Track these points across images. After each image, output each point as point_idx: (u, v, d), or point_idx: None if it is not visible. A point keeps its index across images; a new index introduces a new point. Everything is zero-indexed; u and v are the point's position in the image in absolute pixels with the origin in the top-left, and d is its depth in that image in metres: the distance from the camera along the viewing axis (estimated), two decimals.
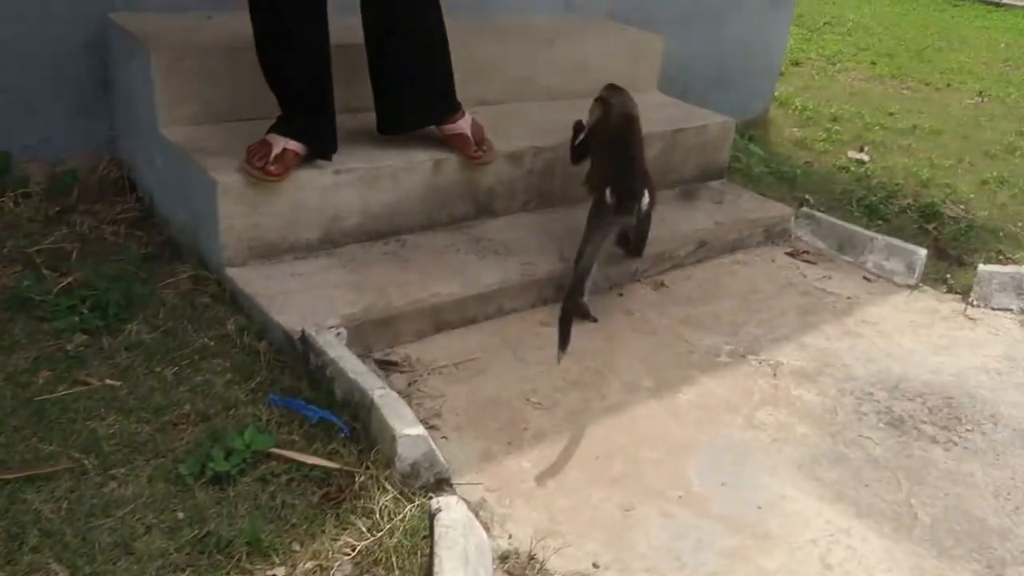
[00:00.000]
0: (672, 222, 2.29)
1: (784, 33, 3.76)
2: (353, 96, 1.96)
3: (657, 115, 2.57)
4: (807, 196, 2.93)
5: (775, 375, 1.80)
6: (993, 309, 2.21)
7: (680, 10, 3.22)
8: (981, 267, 2.25)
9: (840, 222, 2.48)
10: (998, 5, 13.12)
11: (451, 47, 1.95)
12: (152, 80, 1.84)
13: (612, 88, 2.19)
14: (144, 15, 2.06)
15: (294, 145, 1.75)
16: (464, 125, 2.02)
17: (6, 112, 2.00)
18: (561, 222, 2.21)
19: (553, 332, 1.68)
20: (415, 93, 1.93)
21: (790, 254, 2.40)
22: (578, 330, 1.85)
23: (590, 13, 2.97)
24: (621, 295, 2.07)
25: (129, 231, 1.97)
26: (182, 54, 1.86)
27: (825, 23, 8.16)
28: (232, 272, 1.74)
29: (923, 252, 2.30)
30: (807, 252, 2.41)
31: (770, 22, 3.60)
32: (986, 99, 5.13)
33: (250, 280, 1.73)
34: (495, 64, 2.41)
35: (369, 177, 1.89)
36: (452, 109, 1.99)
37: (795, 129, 3.86)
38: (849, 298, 2.20)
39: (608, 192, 1.87)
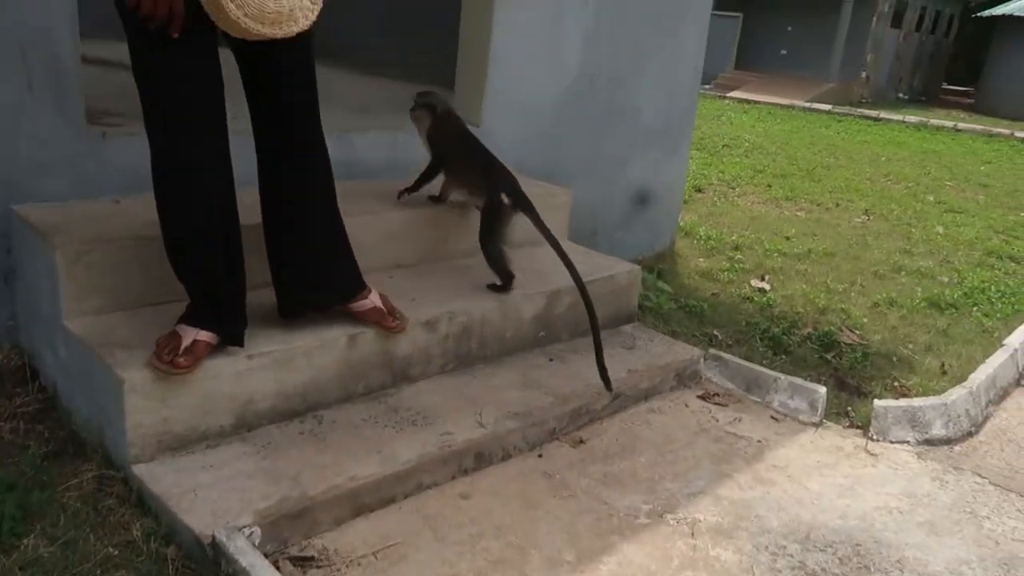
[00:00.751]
0: (588, 373, 2.36)
1: (682, 174, 4.02)
2: (263, 271, 1.98)
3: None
4: (715, 332, 3.08)
5: (693, 534, 1.83)
6: (891, 442, 2.33)
7: (586, 161, 3.42)
8: (877, 402, 2.38)
9: (746, 363, 2.59)
10: (876, 120, 14.40)
11: (363, 214, 2.02)
12: (56, 274, 1.83)
13: (422, 94, 2.49)
14: (50, 205, 2.07)
15: (204, 335, 1.75)
16: (375, 299, 2.06)
17: None
18: (479, 382, 2.25)
19: (472, 505, 1.68)
20: (315, 276, 1.97)
21: (702, 397, 2.49)
22: (499, 500, 1.87)
23: None
24: (540, 456, 2.10)
25: (29, 426, 1.90)
26: (87, 247, 1.87)
27: (724, 145, 8.75)
28: (139, 470, 1.69)
29: (823, 391, 2.42)
30: (717, 395, 2.50)
31: (669, 165, 3.86)
32: (872, 217, 5.55)
33: (158, 477, 1.68)
34: (407, 230, 2.50)
35: (283, 359, 1.90)
36: (358, 287, 2.03)
37: (701, 259, 4.08)
38: (759, 441, 2.28)
39: (504, 196, 2.36)
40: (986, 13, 19.23)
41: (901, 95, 20.43)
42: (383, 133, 2.74)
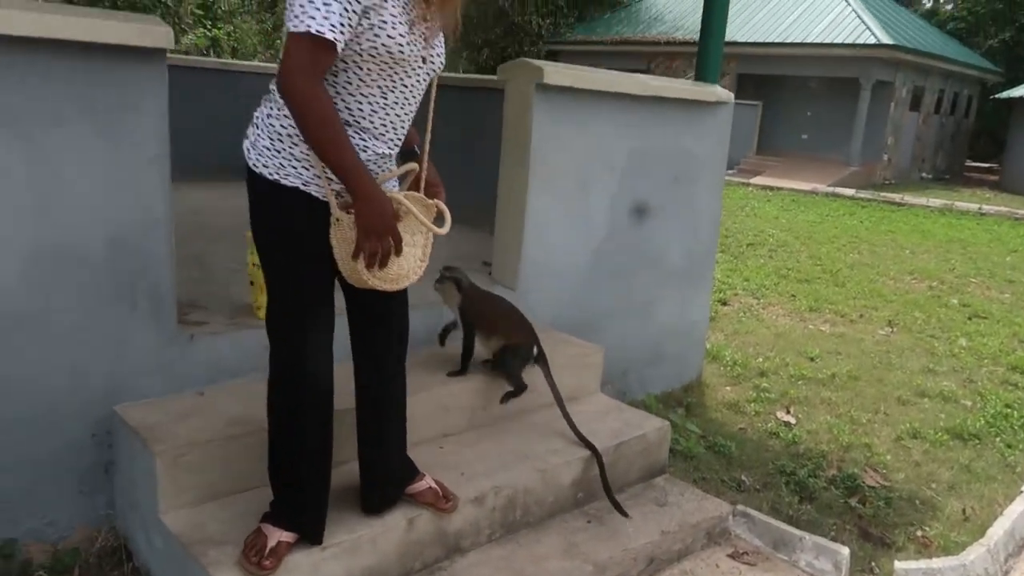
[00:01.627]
0: (623, 536, 2.55)
1: (705, 309, 4.26)
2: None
3: (601, 426, 2.90)
4: (743, 476, 3.25)
5: None
6: None
7: (614, 308, 3.68)
8: (898, 564, 2.53)
9: (773, 521, 2.76)
10: (900, 204, 14.58)
11: (419, 391, 2.27)
12: (155, 475, 2.10)
13: (446, 269, 2.77)
14: (145, 403, 2.36)
15: (287, 536, 1.99)
16: (429, 480, 2.30)
17: (13, 499, 2.21)
18: (525, 551, 2.44)
19: None
20: (397, 471, 2.21)
21: (732, 556, 2.66)
22: None
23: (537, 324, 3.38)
24: None
25: None
26: (183, 451, 2.14)
27: (748, 244, 9.00)
28: None
29: (846, 553, 2.57)
30: (746, 553, 2.66)
31: (693, 302, 4.10)
32: (895, 329, 5.71)
33: None
34: (455, 401, 2.75)
35: (352, 547, 2.12)
36: (415, 470, 2.28)
37: (728, 388, 4.27)
38: None
39: (535, 348, 2.80)
40: (1004, 95, 19.56)
41: (924, 175, 20.66)
42: (430, 311, 3.00)
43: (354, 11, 1.65)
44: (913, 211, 13.70)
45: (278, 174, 1.78)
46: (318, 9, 1.61)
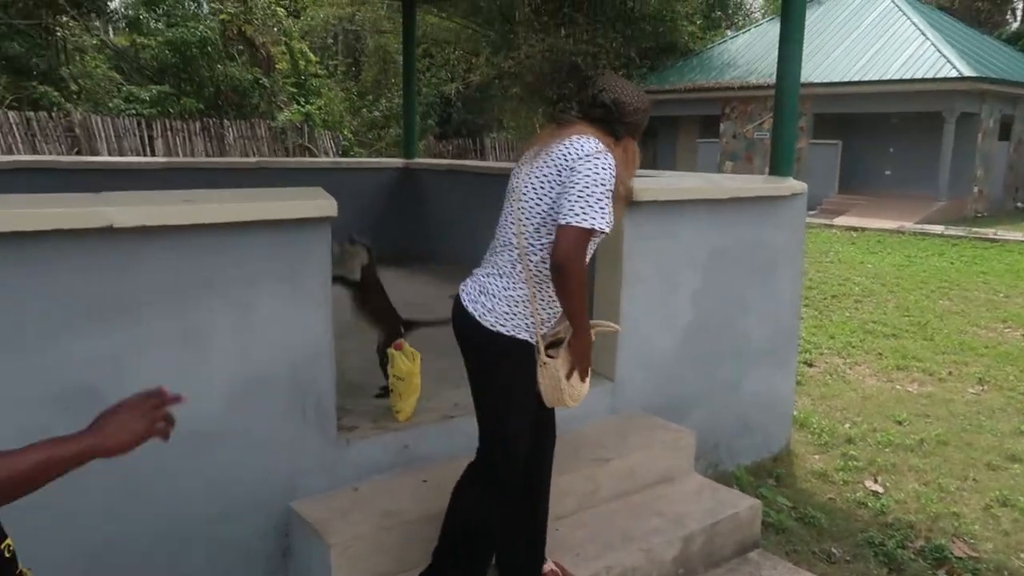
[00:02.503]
0: None
1: (791, 383, 4.53)
2: None
3: (695, 507, 3.23)
4: (833, 548, 3.50)
5: None
6: None
7: (702, 389, 4.01)
8: None
9: None
10: (993, 240, 14.21)
11: None
12: (329, 563, 2.57)
13: (358, 234, 3.26)
14: (312, 499, 2.85)
15: None
16: (551, 563, 2.69)
17: None
18: None
19: None
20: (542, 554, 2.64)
21: None
22: None
23: (629, 409, 3.75)
24: None
25: None
26: (351, 543, 2.60)
27: (833, 296, 9.09)
28: None
29: None
30: None
31: (779, 378, 4.38)
32: (986, 387, 5.77)
33: None
34: (571, 487, 3.14)
35: None
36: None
37: (816, 457, 4.50)
38: None
39: (402, 328, 3.34)
40: None
41: (1020, 204, 19.97)
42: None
43: None
44: (1007, 247, 13.34)
45: (514, 331, 2.28)
46: (602, 208, 2.13)
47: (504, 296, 2.28)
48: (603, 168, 2.16)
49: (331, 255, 2.73)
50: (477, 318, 2.29)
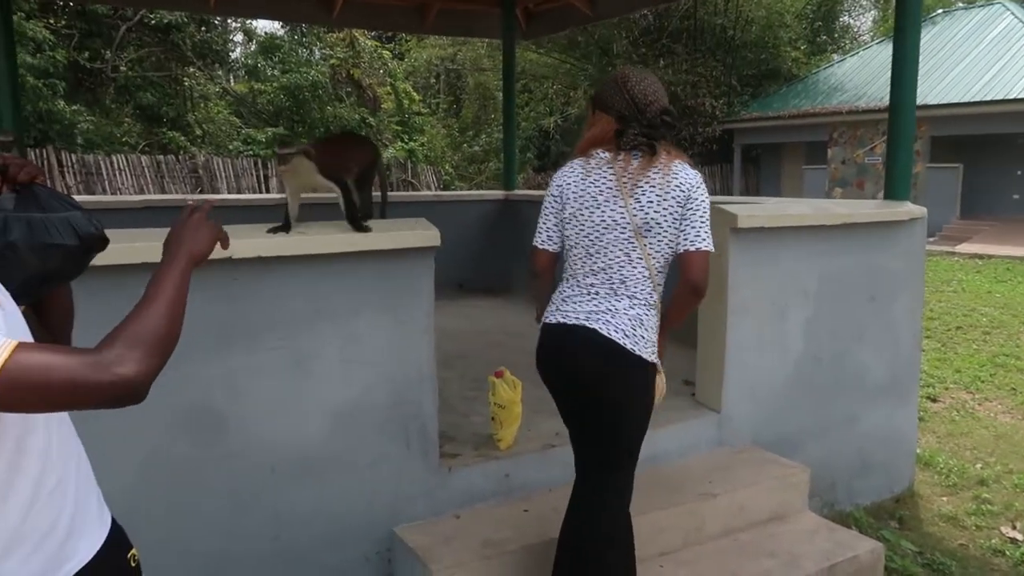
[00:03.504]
0: None
1: (913, 420, 4.24)
2: None
3: (810, 547, 3.05)
4: None
5: None
6: None
7: (815, 424, 3.81)
8: None
9: None
10: None
11: (637, 515, 2.59)
12: None
13: (282, 146, 3.03)
14: (415, 525, 2.87)
15: None
16: None
17: None
18: None
19: None
20: None
21: None
22: None
23: (736, 442, 3.61)
24: None
25: None
26: (453, 570, 2.60)
27: (957, 327, 8.52)
28: None
29: None
30: None
31: (900, 414, 4.12)
32: None
33: None
34: (673, 522, 3.03)
35: None
36: None
37: (943, 499, 4.18)
38: None
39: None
40: None
41: None
42: None
43: None
44: None
45: (652, 356, 2.35)
46: (710, 231, 2.31)
47: (654, 326, 2.37)
48: (706, 191, 2.36)
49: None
50: (638, 352, 2.30)
